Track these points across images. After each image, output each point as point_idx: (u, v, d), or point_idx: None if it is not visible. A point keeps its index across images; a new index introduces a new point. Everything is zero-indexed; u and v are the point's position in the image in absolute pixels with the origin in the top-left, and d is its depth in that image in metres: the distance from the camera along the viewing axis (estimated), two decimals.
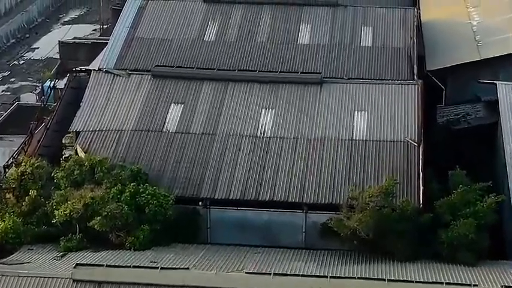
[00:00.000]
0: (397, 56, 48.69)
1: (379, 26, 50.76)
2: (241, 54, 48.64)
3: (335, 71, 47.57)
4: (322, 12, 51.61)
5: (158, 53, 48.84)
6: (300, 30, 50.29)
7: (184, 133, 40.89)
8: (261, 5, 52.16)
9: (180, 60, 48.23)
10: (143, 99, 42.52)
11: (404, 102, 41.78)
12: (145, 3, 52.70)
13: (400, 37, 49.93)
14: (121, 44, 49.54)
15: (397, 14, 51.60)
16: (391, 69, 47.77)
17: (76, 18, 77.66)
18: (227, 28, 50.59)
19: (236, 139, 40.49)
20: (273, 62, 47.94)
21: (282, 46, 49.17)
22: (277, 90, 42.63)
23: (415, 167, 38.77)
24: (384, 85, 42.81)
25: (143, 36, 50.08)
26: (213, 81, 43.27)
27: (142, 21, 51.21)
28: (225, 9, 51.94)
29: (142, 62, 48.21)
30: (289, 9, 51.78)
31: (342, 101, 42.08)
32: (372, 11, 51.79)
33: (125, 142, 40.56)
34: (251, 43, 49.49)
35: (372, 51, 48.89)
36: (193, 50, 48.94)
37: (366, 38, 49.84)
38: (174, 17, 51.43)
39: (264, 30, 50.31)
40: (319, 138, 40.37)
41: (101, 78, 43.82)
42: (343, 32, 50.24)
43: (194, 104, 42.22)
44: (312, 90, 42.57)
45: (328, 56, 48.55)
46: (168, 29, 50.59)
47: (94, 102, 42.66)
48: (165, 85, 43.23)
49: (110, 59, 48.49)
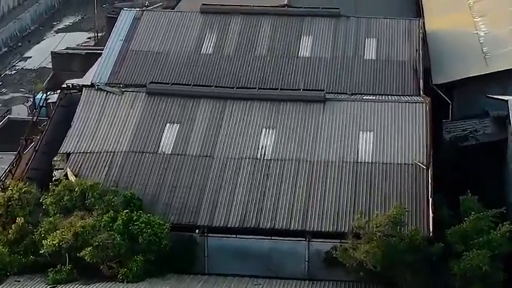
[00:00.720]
0: (402, 69, 46.41)
1: (383, 38, 48.42)
2: (240, 68, 46.35)
3: (338, 85, 45.34)
4: (323, 23, 49.25)
5: (153, 66, 46.57)
6: (301, 43, 47.96)
7: (180, 155, 38.48)
8: (260, 15, 49.83)
9: (176, 74, 46.00)
10: (137, 119, 40.08)
11: (411, 121, 39.37)
12: (141, 14, 50.38)
13: (405, 50, 47.61)
14: (115, 57, 47.24)
15: (402, 25, 49.24)
16: (396, 84, 45.51)
17: (70, 26, 74.84)
18: (225, 40, 48.25)
19: (235, 162, 38.06)
20: (273, 76, 45.70)
21: (283, 59, 46.86)
22: (278, 109, 40.20)
23: (424, 192, 36.39)
24: (391, 103, 40.37)
25: (138, 49, 47.76)
26: (210, 99, 40.84)
27: (137, 33, 48.87)
28: (223, 20, 49.59)
29: (137, 77, 45.96)
30: (289, 20, 49.42)
31: (346, 120, 39.64)
32: (376, 22, 49.42)
33: (117, 165, 38.14)
34: (250, 56, 47.17)
35: (376, 65, 46.61)
36: (190, 64, 46.67)
37: (369, 51, 47.51)
38: (171, 29, 49.09)
39: (263, 42, 47.98)
40: (322, 160, 37.94)
41: (93, 96, 41.37)
42: (345, 44, 47.90)
43: (191, 123, 39.80)
44: (314, 108, 40.14)
45: (331, 70, 46.26)
46: (164, 42, 48.26)
47: (85, 121, 40.22)
48: (160, 103, 40.79)
49: (103, 73, 46.23)
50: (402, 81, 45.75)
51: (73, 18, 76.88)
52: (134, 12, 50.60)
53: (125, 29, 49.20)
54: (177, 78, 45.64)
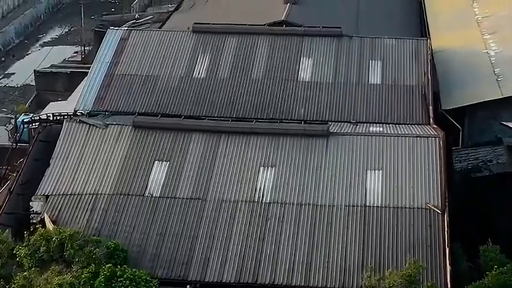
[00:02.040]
0: (410, 95, 42.27)
1: (388, 60, 44.25)
2: (234, 94, 42.17)
3: (341, 113, 41.22)
4: (325, 43, 45.06)
5: (141, 92, 42.38)
6: (301, 65, 43.79)
7: (170, 198, 34.26)
8: (256, 35, 45.60)
9: (166, 102, 41.79)
10: (122, 156, 35.83)
11: (424, 159, 35.20)
12: (128, 34, 46.12)
13: (412, 73, 43.46)
14: (100, 82, 43.07)
15: (408, 46, 45.07)
16: (404, 111, 41.40)
17: (56, 39, 70.18)
18: (219, 62, 44.03)
19: (230, 205, 33.86)
20: (270, 103, 41.52)
21: (281, 83, 42.69)
22: (277, 144, 36.00)
23: (439, 241, 32.25)
24: (400, 138, 36.17)
25: (125, 73, 43.58)
26: (203, 133, 36.63)
27: (124, 55, 44.66)
28: (217, 40, 45.37)
29: (124, 103, 41.82)
30: (288, 40, 45.21)
31: (352, 157, 35.44)
32: (380, 43, 45.22)
33: (100, 209, 33.92)
34: (246, 80, 42.99)
35: (382, 90, 42.47)
36: (181, 89, 42.48)
37: (374, 75, 43.36)
38: (160, 50, 44.86)
39: (260, 65, 43.78)
40: (327, 204, 33.75)
41: (74, 130, 37.11)
42: (348, 67, 43.72)
43: (181, 161, 35.57)
44: (317, 144, 35.96)
45: (333, 96, 42.11)
46: (153, 64, 44.04)
47: (66, 159, 35.98)
48: (148, 138, 36.54)
49: (88, 100, 42.11)
50: (410, 108, 41.63)
51: (59, 30, 72.22)
52: (121, 32, 46.33)
53: (111, 51, 45.00)
54: (167, 106, 41.50)
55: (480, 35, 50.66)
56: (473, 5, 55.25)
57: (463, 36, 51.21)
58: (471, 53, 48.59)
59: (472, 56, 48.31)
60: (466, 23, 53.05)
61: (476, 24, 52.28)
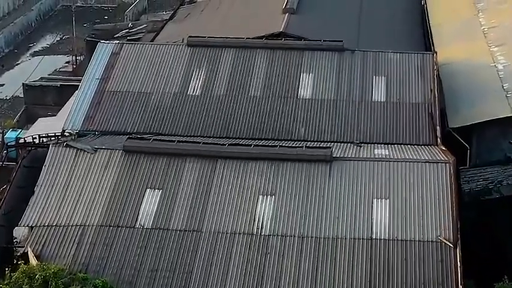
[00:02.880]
0: (416, 113, 39.84)
1: (393, 76, 41.77)
2: (231, 112, 39.75)
3: (343, 133, 38.87)
4: (326, 58, 42.55)
5: (133, 111, 39.96)
6: (301, 81, 41.31)
7: (162, 230, 31.58)
8: (254, 49, 43.07)
9: (159, 121, 39.44)
10: (112, 183, 33.17)
11: (434, 187, 32.57)
12: (119, 48, 43.58)
13: (418, 90, 41.01)
14: (89, 100, 40.65)
15: (413, 61, 42.57)
16: (410, 131, 38.99)
17: (48, 48, 67.22)
18: (215, 78, 41.55)
19: (227, 238, 31.20)
20: (269, 123, 39.20)
21: (280, 101, 40.24)
22: (277, 171, 33.37)
23: (452, 278, 29.63)
24: (408, 163, 33.55)
25: (116, 90, 41.13)
26: (198, 158, 33.96)
27: (116, 70, 42.18)
28: (213, 55, 42.88)
29: (114, 123, 39.51)
30: (287, 55, 42.72)
31: (357, 185, 32.80)
32: (384, 57, 42.70)
33: (88, 242, 31.24)
34: (243, 98, 40.53)
35: (386, 108, 40.05)
36: (175, 108, 40.10)
37: (378, 92, 40.88)
38: (153, 65, 42.39)
39: (258, 81, 41.30)
40: (330, 237, 31.11)
41: (61, 155, 34.43)
42: (351, 83, 41.24)
43: (174, 189, 32.92)
44: (320, 170, 33.33)
45: (335, 114, 39.69)
46: (145, 80, 41.55)
47: (51, 187, 33.32)
48: (140, 163, 33.88)
49: (76, 119, 39.81)
50: (416, 127, 39.21)
51: (51, 39, 69.24)
52: (112, 45, 43.77)
53: (102, 66, 42.52)
54: (160, 125, 39.16)
55: (487, 47, 48.13)
56: (478, 14, 52.68)
57: (468, 48, 48.67)
58: (478, 67, 46.07)
59: (479, 69, 45.80)
60: (471, 34, 50.51)
61: (483, 36, 49.72)
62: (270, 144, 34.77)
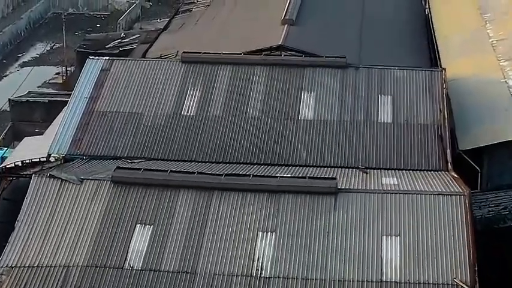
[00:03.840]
0: (425, 136, 36.99)
1: (399, 95, 38.90)
2: (228, 135, 36.93)
3: (348, 158, 36.06)
4: (328, 76, 39.68)
5: (123, 133, 37.12)
6: (302, 101, 38.46)
7: (153, 271, 28.60)
8: (252, 66, 40.19)
9: (151, 144, 36.64)
10: (99, 218, 30.19)
11: (448, 222, 29.66)
12: (110, 64, 40.66)
13: (426, 110, 38.16)
14: (77, 121, 37.80)
15: (421, 78, 39.70)
16: (418, 155, 36.15)
17: (37, 58, 63.97)
18: (211, 98, 38.70)
19: (223, 281, 28.26)
20: (268, 146, 36.37)
21: (280, 123, 37.39)
22: (277, 204, 30.44)
23: None
24: (420, 196, 30.62)
25: (105, 110, 38.28)
26: (192, 189, 31.01)
27: (105, 89, 39.32)
28: (209, 72, 39.99)
29: (103, 146, 36.70)
30: (287, 72, 39.85)
31: (365, 220, 29.84)
32: (390, 75, 39.83)
33: (72, 285, 28.29)
34: (241, 119, 37.69)
35: (393, 130, 37.19)
36: (169, 130, 37.30)
37: (384, 112, 38.03)
38: (145, 83, 39.54)
39: (257, 101, 38.44)
40: (336, 279, 28.19)
41: (44, 186, 31.43)
42: (355, 103, 38.39)
43: (167, 225, 29.96)
44: (324, 203, 30.40)
45: (339, 136, 36.85)
46: (137, 100, 38.71)
47: (33, 222, 30.33)
48: (129, 196, 30.90)
49: (63, 142, 36.98)
50: (425, 151, 36.34)
51: (41, 48, 66.00)
52: (102, 62, 40.82)
53: (91, 84, 39.64)
54: (152, 149, 36.32)
55: (496, 62, 45.27)
56: (486, 26, 49.79)
57: (477, 62, 45.81)
58: (487, 83, 43.20)
59: (488, 86, 42.94)
60: (479, 47, 47.61)
61: (491, 49, 46.83)
62: (270, 175, 31.80)
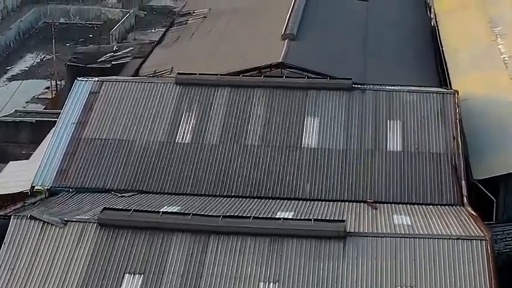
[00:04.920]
0: (438, 166, 34.02)
1: (409, 120, 35.91)
2: (225, 165, 34.00)
3: (355, 191, 33.21)
4: (333, 99, 36.70)
5: (113, 163, 34.21)
6: (305, 127, 35.47)
7: None
8: (252, 88, 37.14)
9: (143, 175, 33.81)
10: (84, 266, 27.04)
11: (468, 271, 26.60)
12: (99, 86, 37.64)
13: (439, 137, 35.15)
14: (63, 150, 34.86)
15: (433, 101, 36.70)
16: (431, 188, 33.22)
17: (27, 71, 60.51)
18: (207, 124, 35.72)
19: None
20: (269, 178, 33.51)
21: (281, 152, 34.44)
22: (280, 250, 27.33)
23: None
24: (437, 241, 27.53)
25: (94, 137, 35.32)
26: (186, 233, 27.91)
27: (94, 113, 36.33)
28: (205, 95, 37.00)
29: (92, 178, 33.83)
30: (289, 95, 36.88)
31: (377, 268, 26.73)
32: (399, 98, 36.83)
33: None
34: (239, 147, 34.72)
35: (403, 159, 34.22)
36: (162, 159, 34.37)
37: (393, 139, 35.01)
38: (137, 107, 36.56)
39: (256, 127, 35.44)
40: None
41: (24, 229, 28.27)
42: (362, 129, 35.37)
43: (158, 274, 26.79)
44: (332, 248, 27.32)
45: (345, 167, 33.90)
46: (128, 126, 35.71)
47: (12, 270, 27.15)
48: (117, 241, 27.75)
49: (48, 173, 34.11)
50: (438, 183, 33.35)
51: (30, 60, 62.73)
52: (91, 83, 37.76)
53: (79, 108, 36.65)
54: (144, 182, 33.49)
55: (508, 80, 42.28)
56: (497, 40, 46.73)
57: (488, 80, 42.78)
58: (500, 104, 40.23)
59: (502, 107, 39.97)
60: (490, 63, 44.60)
61: (503, 66, 43.83)
62: (271, 217, 28.67)
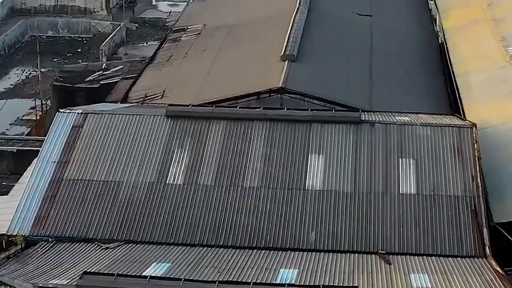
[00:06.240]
0: (456, 211, 30.50)
1: (424, 159, 32.27)
2: (222, 211, 30.45)
3: (365, 240, 29.72)
4: (339, 134, 33.05)
5: (97, 209, 30.65)
6: (309, 166, 31.86)
7: None
8: (250, 121, 33.52)
9: (130, 223, 30.27)
10: None
11: None
12: (83, 119, 33.96)
13: (456, 177, 31.55)
14: (42, 192, 31.24)
15: (448, 137, 33.08)
16: (449, 237, 29.76)
17: (11, 89, 56.86)
18: (202, 162, 32.11)
19: None
20: (269, 225, 29.95)
21: (283, 195, 30.87)
22: None
23: None
24: None
25: (76, 177, 31.70)
26: None
27: (77, 150, 32.69)
28: (199, 129, 33.37)
29: (73, 226, 30.32)
30: (291, 129, 33.25)
31: None
32: (411, 132, 33.19)
33: None
34: (237, 190, 31.12)
35: (418, 204, 30.65)
36: (151, 203, 30.80)
37: (406, 180, 31.43)
38: (124, 144, 32.91)
39: (255, 166, 31.84)
40: None
41: None
42: (372, 169, 31.77)
43: None
44: None
45: (353, 212, 30.36)
46: (114, 165, 32.09)
47: None
48: None
49: (25, 220, 30.57)
50: (457, 231, 29.84)
51: (15, 77, 58.94)
52: (74, 116, 34.05)
53: (60, 145, 32.98)
54: (131, 230, 29.92)
55: None
56: (511, 62, 43.14)
57: (504, 107, 39.10)
58: None
59: None
60: (506, 88, 40.97)
61: None
62: (274, 283, 24.99)
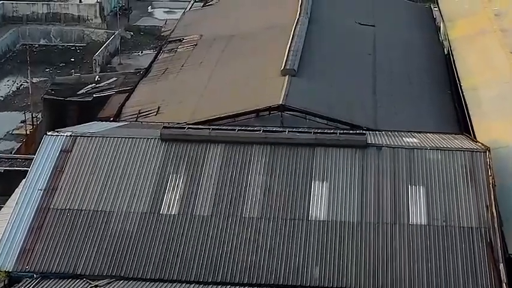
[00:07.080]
0: (470, 243, 28.43)
1: (435, 186, 30.12)
2: (219, 245, 28.43)
3: (372, 276, 27.62)
4: (344, 159, 30.91)
5: (86, 241, 28.68)
6: (313, 195, 29.75)
7: None
8: (250, 145, 31.35)
9: (121, 257, 28.36)
10: None
11: None
12: (72, 143, 31.80)
13: (469, 207, 29.42)
14: (28, 223, 29.17)
15: (460, 162, 30.90)
16: (463, 272, 27.72)
17: (2, 101, 54.64)
18: (198, 190, 30.03)
19: None
20: (270, 260, 27.90)
21: (285, 226, 28.77)
22: None
23: None
24: None
25: (64, 207, 29.68)
26: None
27: (65, 177, 30.56)
28: (195, 154, 31.24)
29: (60, 261, 28.35)
30: (293, 154, 31.09)
31: None
32: (421, 157, 31.05)
33: None
34: (235, 221, 29.06)
35: (429, 236, 28.60)
36: (144, 235, 28.83)
37: (416, 210, 29.31)
38: (116, 169, 30.76)
39: (255, 195, 29.75)
40: None
41: None
42: (380, 197, 29.65)
43: None
44: None
45: (360, 245, 28.35)
46: (104, 193, 30.00)
47: None
48: None
49: (9, 254, 28.63)
50: (471, 265, 27.76)
51: (6, 89, 56.73)
52: (62, 139, 31.87)
53: (47, 170, 30.88)
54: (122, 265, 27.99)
55: None
56: None
57: None
58: None
59: None
60: None
61: None
62: None
